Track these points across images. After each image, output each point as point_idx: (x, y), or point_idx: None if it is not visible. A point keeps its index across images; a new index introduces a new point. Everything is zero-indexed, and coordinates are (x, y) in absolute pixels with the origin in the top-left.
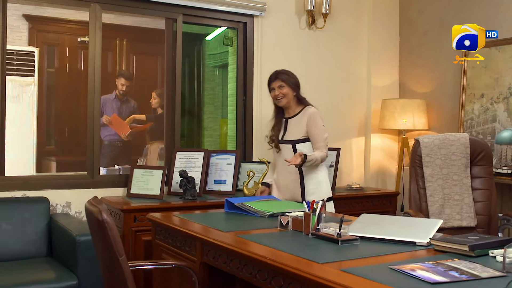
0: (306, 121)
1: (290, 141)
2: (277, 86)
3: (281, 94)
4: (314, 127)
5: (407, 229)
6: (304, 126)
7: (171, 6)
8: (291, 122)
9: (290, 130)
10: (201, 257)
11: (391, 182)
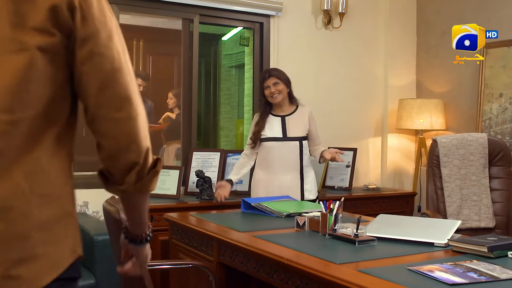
0: (308, 118)
1: (297, 138)
2: (272, 84)
3: (277, 91)
4: (314, 125)
5: (425, 229)
6: (307, 124)
7: (188, 7)
8: (289, 119)
9: (293, 127)
10: (217, 257)
11: (408, 182)
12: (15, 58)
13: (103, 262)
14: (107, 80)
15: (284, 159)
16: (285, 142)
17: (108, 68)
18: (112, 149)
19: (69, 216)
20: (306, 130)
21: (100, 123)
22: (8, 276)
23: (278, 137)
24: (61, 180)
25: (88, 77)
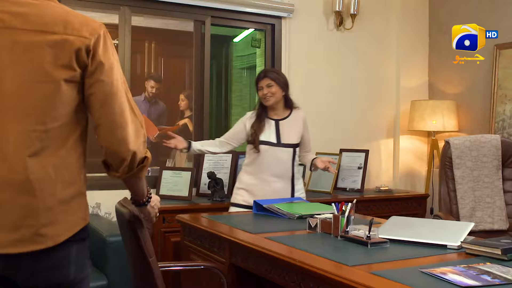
0: (302, 124)
1: (291, 145)
2: (266, 85)
3: (269, 93)
4: (307, 130)
5: (438, 232)
6: (301, 129)
7: (200, 9)
8: (283, 124)
9: (287, 133)
10: (229, 259)
11: (420, 184)
12: (46, 86)
13: (115, 263)
14: (106, 100)
15: (276, 165)
16: (279, 148)
17: (107, 91)
18: (108, 149)
19: (81, 195)
20: (300, 136)
21: (100, 130)
22: (39, 234)
23: (272, 142)
24: (77, 170)
25: (93, 96)
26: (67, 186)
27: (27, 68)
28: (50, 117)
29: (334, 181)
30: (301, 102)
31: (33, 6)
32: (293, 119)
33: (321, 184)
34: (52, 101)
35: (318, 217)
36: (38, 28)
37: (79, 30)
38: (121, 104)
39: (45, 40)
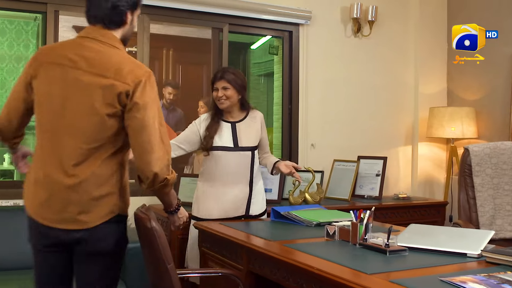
0: (260, 125)
1: (250, 147)
2: (221, 87)
3: (224, 96)
4: (265, 132)
5: (457, 240)
6: (259, 131)
7: (218, 16)
8: (240, 126)
9: (244, 136)
10: (247, 266)
11: (439, 191)
12: (94, 118)
13: (134, 270)
14: (138, 131)
15: (234, 171)
16: (237, 153)
17: (139, 124)
18: (138, 167)
19: (110, 194)
20: (259, 138)
21: (133, 152)
22: (77, 219)
23: (229, 146)
24: (108, 176)
25: (129, 128)
26: (99, 188)
27: (82, 102)
28: (93, 139)
29: (352, 188)
30: (319, 109)
31: (99, 53)
32: (251, 121)
33: (339, 191)
34: (96, 129)
35: (336, 224)
36: (96, 72)
37: (125, 78)
38: (149, 135)
39: (99, 82)
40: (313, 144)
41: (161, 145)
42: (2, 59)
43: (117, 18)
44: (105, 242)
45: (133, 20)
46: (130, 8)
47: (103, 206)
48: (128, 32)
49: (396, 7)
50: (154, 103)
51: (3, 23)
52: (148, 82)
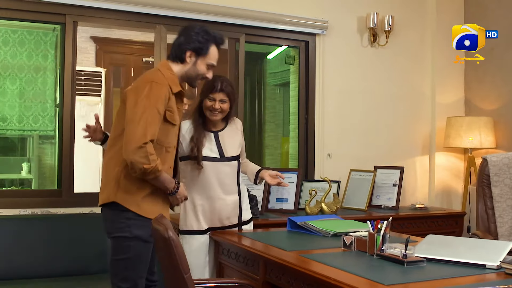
0: (241, 133)
1: (234, 157)
2: (219, 99)
3: (220, 109)
4: (243, 138)
5: (476, 251)
6: (242, 139)
7: (234, 26)
8: (223, 135)
9: (228, 145)
10: (264, 276)
11: (457, 202)
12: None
13: None
14: (126, 124)
15: (222, 181)
16: (223, 163)
17: (128, 119)
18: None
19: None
20: (241, 145)
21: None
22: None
23: (215, 157)
24: (112, 168)
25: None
26: (106, 175)
27: (118, 116)
28: (114, 140)
29: (369, 198)
30: (335, 118)
31: (143, 74)
32: (232, 128)
33: (355, 201)
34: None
35: (353, 234)
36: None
37: (133, 85)
38: (132, 129)
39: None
40: (330, 154)
41: (143, 136)
42: (21, 69)
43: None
44: (105, 223)
45: (196, 62)
46: (193, 50)
47: (106, 190)
48: (190, 72)
49: (413, 16)
50: (144, 99)
51: (22, 34)
52: (146, 87)
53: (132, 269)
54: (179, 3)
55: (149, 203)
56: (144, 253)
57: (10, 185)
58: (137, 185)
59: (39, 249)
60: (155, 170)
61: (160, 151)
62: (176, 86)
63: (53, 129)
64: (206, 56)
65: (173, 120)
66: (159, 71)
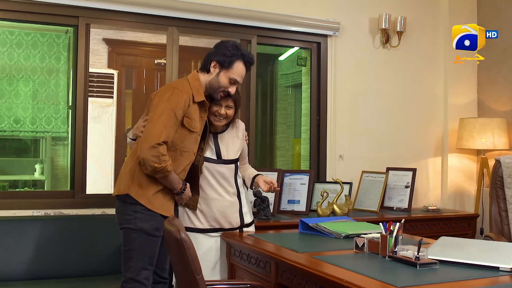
0: (241, 136)
1: (232, 160)
2: (226, 105)
3: (225, 114)
4: (245, 141)
5: (489, 253)
6: (242, 143)
7: (246, 28)
8: (223, 138)
9: (227, 148)
10: (276, 278)
11: (469, 203)
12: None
13: None
14: (147, 124)
15: (219, 184)
16: (220, 165)
17: (149, 119)
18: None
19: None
20: (241, 148)
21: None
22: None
23: (212, 158)
24: (130, 162)
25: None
26: (124, 168)
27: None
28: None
29: (381, 200)
30: (347, 120)
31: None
32: (233, 131)
33: (367, 203)
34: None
35: (365, 236)
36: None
37: (159, 89)
38: (151, 128)
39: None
40: (342, 155)
41: (157, 135)
42: (34, 71)
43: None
44: (117, 215)
45: (219, 74)
46: (218, 62)
47: (122, 183)
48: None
49: (425, 17)
50: (166, 103)
51: (35, 36)
52: (167, 92)
53: (135, 260)
54: (191, 5)
55: (159, 199)
56: (148, 245)
57: (23, 186)
58: (149, 181)
59: (51, 250)
60: (164, 170)
61: (175, 153)
62: (199, 96)
63: (65, 130)
64: (229, 69)
65: (191, 126)
66: (186, 80)
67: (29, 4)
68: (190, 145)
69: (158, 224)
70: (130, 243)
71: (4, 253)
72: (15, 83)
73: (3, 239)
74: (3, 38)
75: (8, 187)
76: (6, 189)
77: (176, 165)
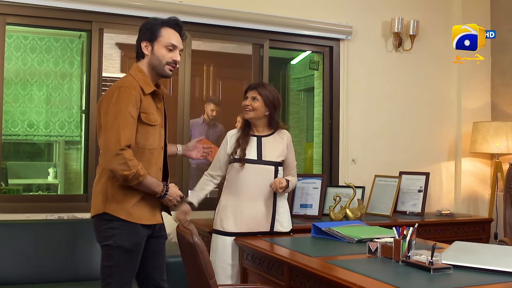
0: (286, 144)
1: (272, 162)
2: (251, 97)
3: (250, 106)
4: (291, 152)
5: (503, 258)
6: (285, 150)
7: (258, 32)
8: (266, 141)
9: (269, 150)
10: (288, 282)
11: (483, 208)
12: (100, 131)
13: (175, 284)
14: (102, 133)
15: (256, 184)
16: (259, 166)
17: (102, 127)
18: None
19: (100, 192)
20: (283, 156)
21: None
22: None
23: (253, 159)
24: (98, 180)
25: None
26: (95, 187)
27: (99, 127)
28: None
29: (394, 204)
30: (360, 124)
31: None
32: (277, 138)
33: (380, 207)
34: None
35: (378, 241)
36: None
37: (104, 93)
38: (106, 136)
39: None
40: (354, 159)
41: (117, 141)
42: (48, 76)
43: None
44: (94, 233)
45: (153, 50)
46: (146, 40)
47: (95, 202)
48: (153, 61)
49: (438, 21)
50: (114, 106)
51: (49, 41)
52: (114, 93)
53: (115, 277)
54: (204, 10)
55: (140, 208)
56: (128, 262)
57: (36, 190)
58: (125, 193)
59: (65, 254)
60: (137, 176)
61: (143, 154)
62: (148, 87)
63: (78, 134)
64: (159, 39)
65: (150, 121)
66: (129, 75)
67: (43, 9)
68: (155, 140)
69: (139, 239)
70: (109, 260)
71: (18, 257)
72: (29, 88)
73: (17, 243)
74: (17, 43)
75: (22, 191)
76: (20, 193)
77: (149, 165)
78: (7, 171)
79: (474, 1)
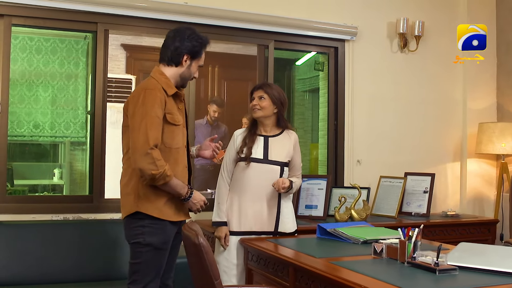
0: (293, 145)
1: (279, 162)
2: (258, 96)
3: (258, 105)
4: (297, 153)
5: (509, 259)
6: (291, 150)
7: (263, 33)
8: (273, 141)
9: (275, 150)
10: (293, 283)
11: (489, 209)
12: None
13: (180, 285)
14: (130, 135)
15: (261, 184)
16: (265, 165)
17: (130, 129)
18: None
19: (132, 193)
20: (290, 156)
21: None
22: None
23: (259, 158)
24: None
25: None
26: (124, 189)
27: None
28: (127, 156)
29: (399, 205)
30: (365, 124)
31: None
32: (284, 138)
33: (385, 208)
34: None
35: (383, 242)
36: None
37: (129, 97)
38: (134, 136)
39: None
40: (359, 160)
41: (146, 142)
42: (53, 77)
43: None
44: (124, 231)
45: (191, 65)
46: (189, 54)
47: (126, 201)
48: (184, 73)
49: (443, 21)
50: (142, 107)
51: (54, 42)
52: (141, 96)
53: (141, 273)
54: (209, 11)
55: (171, 206)
56: (155, 259)
57: (42, 191)
58: (156, 192)
59: (70, 254)
60: (163, 176)
61: (170, 153)
62: (171, 89)
63: (84, 135)
64: (199, 58)
65: (174, 121)
66: (152, 78)
67: (48, 10)
68: (181, 140)
69: (167, 237)
70: (137, 257)
71: (24, 257)
72: (34, 89)
73: (22, 243)
74: (23, 44)
75: (28, 192)
76: (25, 194)
77: (176, 163)
78: (13, 172)
79: (480, 2)
